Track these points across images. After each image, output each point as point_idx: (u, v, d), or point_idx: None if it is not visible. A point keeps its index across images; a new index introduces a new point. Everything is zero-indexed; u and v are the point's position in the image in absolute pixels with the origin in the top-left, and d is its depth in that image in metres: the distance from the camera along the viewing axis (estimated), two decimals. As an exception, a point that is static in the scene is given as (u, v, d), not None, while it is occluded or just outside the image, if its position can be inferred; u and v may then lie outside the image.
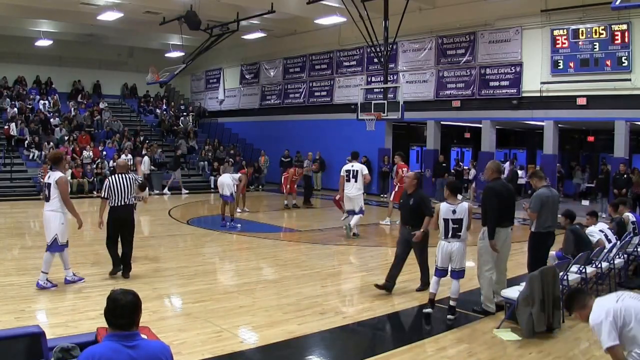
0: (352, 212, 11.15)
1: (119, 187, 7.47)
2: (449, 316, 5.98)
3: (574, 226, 7.23)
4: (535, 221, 6.35)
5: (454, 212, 5.94)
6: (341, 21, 17.79)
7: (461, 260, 6.00)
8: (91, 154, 19.52)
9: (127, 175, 7.63)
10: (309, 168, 17.59)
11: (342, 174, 11.25)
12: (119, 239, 7.60)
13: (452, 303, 6.01)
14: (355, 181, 10.99)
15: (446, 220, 5.95)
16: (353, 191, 11.00)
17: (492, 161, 6.73)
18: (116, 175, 7.60)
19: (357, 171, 11.07)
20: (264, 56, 23.94)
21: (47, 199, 6.84)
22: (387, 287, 6.93)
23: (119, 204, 7.51)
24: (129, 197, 7.57)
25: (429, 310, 6.09)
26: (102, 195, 7.69)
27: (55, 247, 6.75)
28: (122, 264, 7.56)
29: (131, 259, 7.68)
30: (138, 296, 2.71)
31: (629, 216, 8.26)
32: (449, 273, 6.04)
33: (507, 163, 20.53)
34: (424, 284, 6.98)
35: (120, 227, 7.59)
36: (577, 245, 6.91)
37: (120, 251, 7.62)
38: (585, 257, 6.50)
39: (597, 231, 7.39)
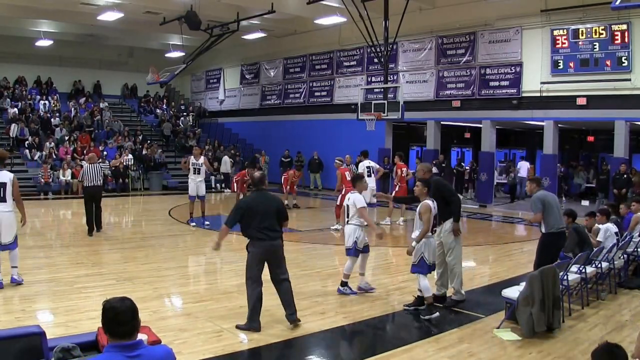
0: (368, 205, 12.01)
1: (91, 173, 10.49)
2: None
3: (576, 225, 7.23)
4: (544, 223, 6.37)
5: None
6: (341, 21, 17.79)
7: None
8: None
9: (96, 165, 10.68)
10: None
11: (361, 170, 12.37)
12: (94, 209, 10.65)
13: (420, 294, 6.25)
14: (375, 176, 12.37)
15: (435, 217, 6.13)
16: (373, 185, 12.25)
17: (423, 163, 7.29)
18: (89, 165, 10.69)
19: (374, 167, 12.53)
20: (264, 56, 23.95)
21: (4, 199, 6.79)
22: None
23: (91, 184, 10.51)
24: (98, 179, 10.56)
25: (436, 314, 6.03)
26: (79, 179, 11.39)
27: (16, 244, 6.89)
28: (95, 224, 10.68)
29: (101, 220, 10.92)
30: (133, 301, 2.62)
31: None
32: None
33: (522, 162, 20.51)
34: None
35: (91, 200, 10.60)
36: (580, 244, 6.91)
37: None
38: (585, 257, 6.50)
39: (613, 232, 7.38)
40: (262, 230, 5.49)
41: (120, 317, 2.51)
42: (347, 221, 6.91)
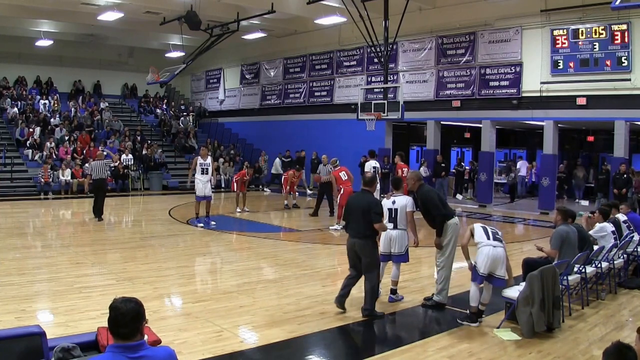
0: None
1: (97, 168, 12.68)
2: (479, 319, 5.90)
3: (576, 224, 7.22)
4: (557, 258, 6.29)
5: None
6: (341, 21, 17.79)
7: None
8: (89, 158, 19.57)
9: (101, 161, 12.81)
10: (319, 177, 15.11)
11: (367, 169, 12.35)
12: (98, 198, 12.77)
13: (482, 308, 5.94)
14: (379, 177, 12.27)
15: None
16: (380, 185, 12.22)
17: (412, 172, 7.22)
18: (94, 161, 13.01)
19: (378, 168, 12.53)
20: (264, 56, 23.95)
21: None
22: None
23: (96, 177, 12.70)
24: (101, 173, 12.66)
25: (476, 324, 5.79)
26: (88, 173, 14.73)
27: None
28: (99, 211, 12.62)
29: (103, 209, 12.78)
30: (140, 303, 2.61)
31: (619, 216, 8.21)
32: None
33: (521, 161, 20.51)
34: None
35: (97, 190, 12.84)
36: (580, 244, 6.91)
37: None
38: (585, 257, 6.50)
39: (609, 231, 7.36)
40: (349, 226, 6.13)
41: (119, 318, 2.51)
42: (395, 226, 6.54)
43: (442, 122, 18.54)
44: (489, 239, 5.77)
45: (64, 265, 8.17)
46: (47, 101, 22.90)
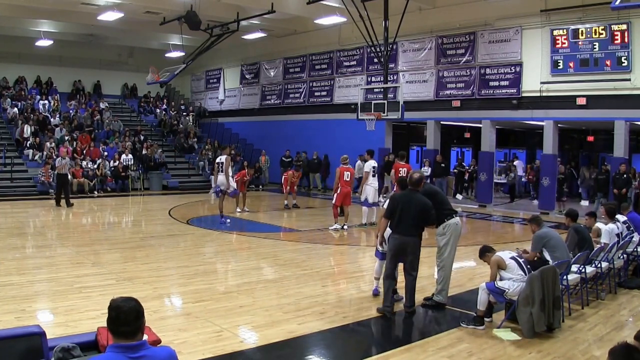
0: (372, 204, 12.23)
1: (61, 164, 14.99)
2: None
3: (577, 225, 7.22)
4: (552, 259, 6.24)
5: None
6: (341, 21, 17.80)
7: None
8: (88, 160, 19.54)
9: (65, 158, 15.34)
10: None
11: (367, 170, 12.22)
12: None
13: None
14: (377, 176, 12.23)
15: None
16: (378, 184, 12.18)
17: (414, 172, 7.15)
18: (60, 158, 15.29)
19: (377, 167, 12.40)
20: (264, 56, 23.95)
21: None
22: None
23: (61, 172, 15.00)
24: (65, 169, 15.15)
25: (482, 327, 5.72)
26: (56, 165, 15.94)
27: None
28: (66, 201, 14.89)
29: (69, 199, 15.01)
30: (140, 303, 2.60)
31: (618, 217, 8.17)
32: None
33: (517, 162, 20.51)
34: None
35: (61, 183, 15.09)
36: (580, 244, 6.91)
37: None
38: (585, 256, 6.50)
39: (615, 233, 7.34)
40: (400, 226, 6.03)
41: (122, 317, 2.50)
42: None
43: (442, 122, 18.54)
44: (525, 274, 5.59)
45: (64, 265, 8.17)
46: (47, 101, 22.89)
